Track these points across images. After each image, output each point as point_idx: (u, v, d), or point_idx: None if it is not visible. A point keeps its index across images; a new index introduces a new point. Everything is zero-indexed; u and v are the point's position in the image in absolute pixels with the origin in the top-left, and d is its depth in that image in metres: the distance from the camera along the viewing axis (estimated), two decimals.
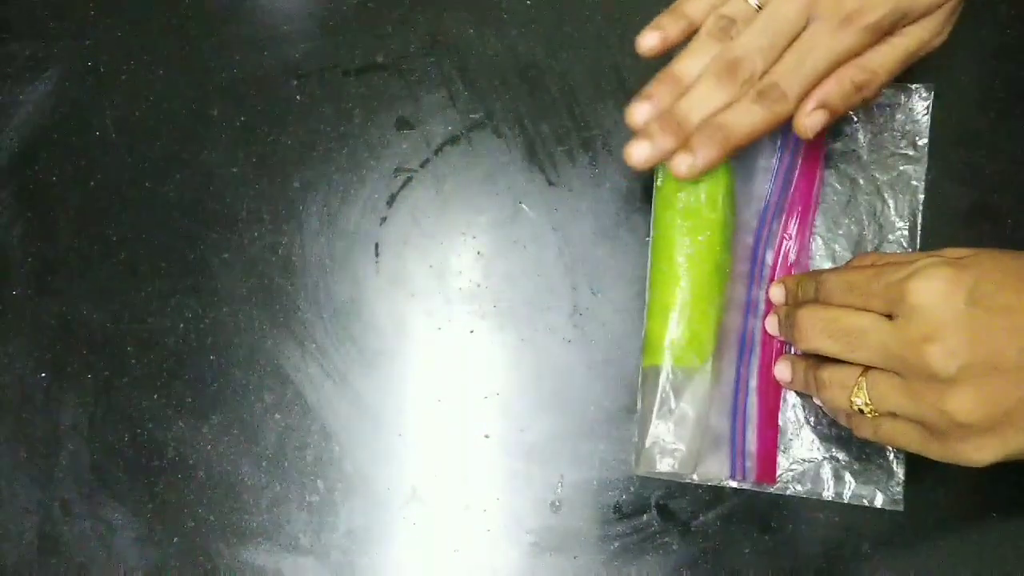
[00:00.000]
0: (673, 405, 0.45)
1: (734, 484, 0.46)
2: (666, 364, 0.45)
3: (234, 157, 0.51)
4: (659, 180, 0.47)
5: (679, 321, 0.45)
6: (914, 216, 0.48)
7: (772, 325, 0.46)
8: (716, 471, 0.45)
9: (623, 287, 0.49)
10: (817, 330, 0.42)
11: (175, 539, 0.48)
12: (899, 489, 0.45)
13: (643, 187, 0.49)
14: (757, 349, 0.47)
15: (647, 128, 0.43)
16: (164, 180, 0.51)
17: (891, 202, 0.48)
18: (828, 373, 0.42)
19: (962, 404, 0.37)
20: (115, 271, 0.50)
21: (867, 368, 0.40)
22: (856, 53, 0.42)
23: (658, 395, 0.45)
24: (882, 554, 0.46)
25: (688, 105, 0.42)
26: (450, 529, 0.47)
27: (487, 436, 0.48)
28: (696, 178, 0.43)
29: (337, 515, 0.48)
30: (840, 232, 0.48)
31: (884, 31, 0.42)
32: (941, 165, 0.48)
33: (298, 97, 0.52)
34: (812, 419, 0.46)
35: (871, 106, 0.49)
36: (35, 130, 0.52)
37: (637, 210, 0.49)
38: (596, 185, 0.50)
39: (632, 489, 0.47)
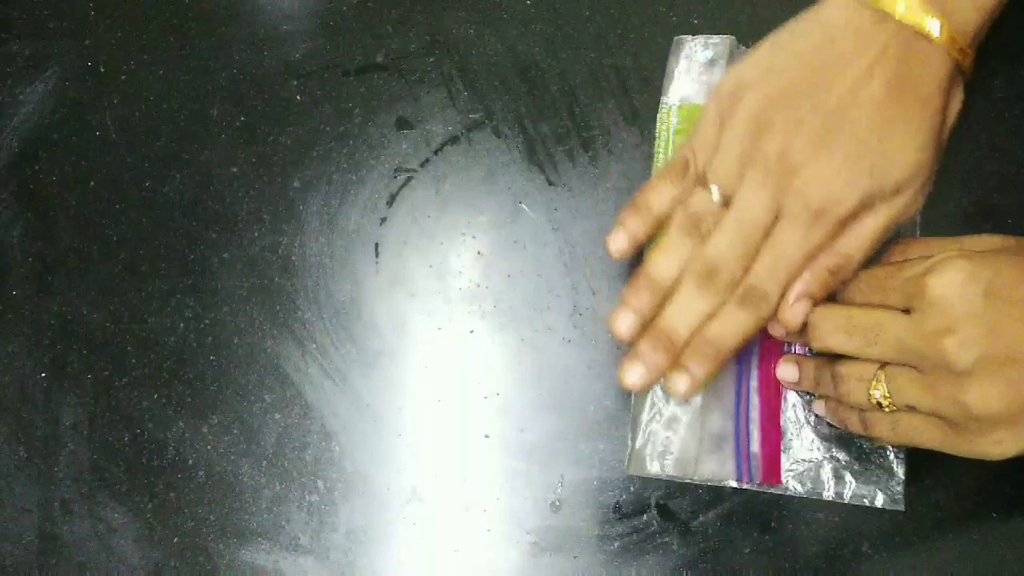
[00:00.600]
0: (663, 406, 0.45)
1: (734, 484, 0.46)
2: None
3: (234, 157, 0.51)
4: None
5: None
6: (914, 218, 0.48)
7: (776, 327, 0.46)
8: (718, 472, 0.45)
9: (623, 287, 0.49)
10: (832, 327, 0.41)
11: (175, 539, 0.48)
12: (899, 489, 0.45)
13: None
14: (756, 350, 0.47)
15: (638, 348, 0.43)
16: (164, 180, 0.51)
17: None
18: (846, 368, 0.42)
19: (980, 397, 0.37)
20: (115, 271, 0.50)
21: (884, 363, 0.40)
22: (828, 243, 0.42)
23: (648, 396, 0.45)
24: (882, 554, 0.46)
25: (673, 318, 0.42)
26: (450, 529, 0.47)
27: (487, 436, 0.48)
28: (695, 394, 0.43)
29: (337, 515, 0.48)
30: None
31: (856, 216, 0.41)
32: (941, 165, 0.48)
33: (298, 97, 0.52)
34: (812, 419, 0.46)
35: None
36: (35, 130, 0.52)
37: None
38: (596, 185, 0.50)
39: (632, 489, 0.47)
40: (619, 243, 0.44)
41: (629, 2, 0.52)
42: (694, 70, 0.49)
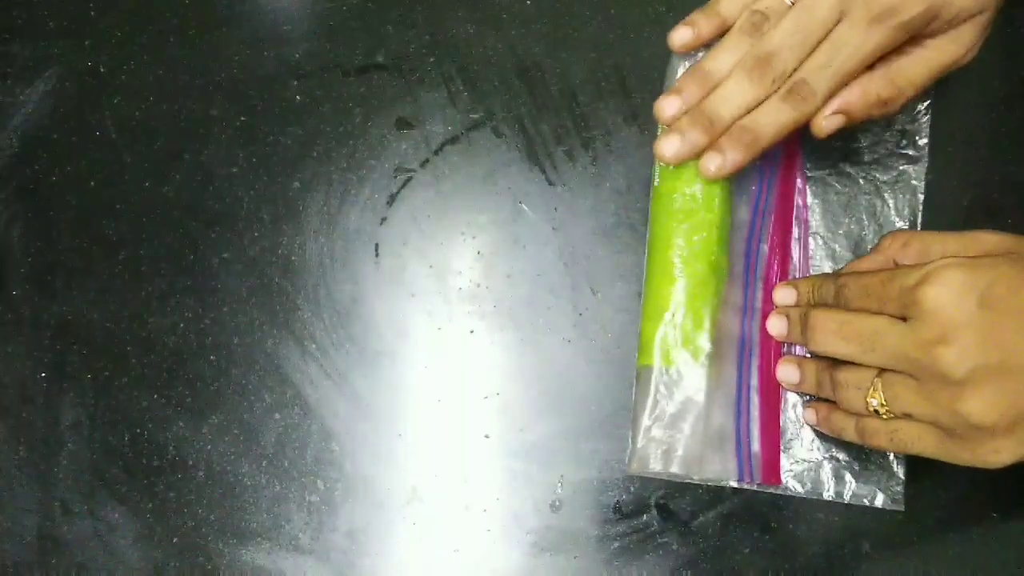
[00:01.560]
0: (665, 405, 0.45)
1: (734, 484, 0.46)
2: (658, 364, 0.45)
3: (234, 157, 0.51)
4: (656, 180, 0.47)
5: (673, 322, 0.46)
6: (914, 216, 0.48)
7: (775, 326, 0.46)
8: (719, 471, 0.45)
9: (623, 287, 0.49)
10: (830, 332, 0.42)
11: (175, 539, 0.48)
12: (899, 489, 0.45)
13: (643, 187, 0.49)
14: (756, 350, 0.47)
15: (678, 124, 0.43)
16: (164, 180, 0.51)
17: (891, 202, 0.48)
18: (844, 375, 0.42)
19: (976, 406, 0.37)
20: (115, 271, 0.50)
21: (882, 371, 0.40)
22: (886, 51, 0.42)
23: (650, 395, 0.45)
24: (882, 554, 0.46)
25: (718, 101, 0.43)
26: (450, 529, 0.47)
27: (487, 436, 0.48)
28: (724, 178, 0.43)
29: (337, 515, 0.48)
30: (840, 232, 0.48)
31: (915, 30, 0.42)
32: (941, 165, 0.48)
33: (298, 97, 0.52)
34: None
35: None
36: (35, 130, 0.52)
37: (637, 210, 0.49)
38: (596, 185, 0.50)
39: (632, 489, 0.47)
40: (683, 35, 0.45)
41: (629, 2, 0.52)
42: None
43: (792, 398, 0.47)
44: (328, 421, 0.48)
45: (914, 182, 0.48)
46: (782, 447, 0.46)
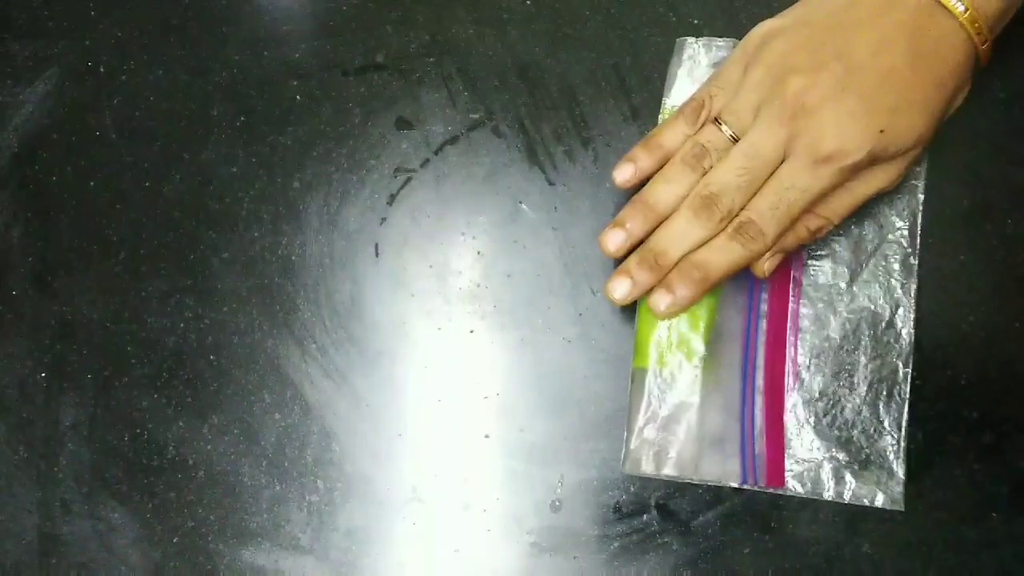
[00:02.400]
0: (659, 407, 0.45)
1: (735, 484, 0.46)
2: (653, 366, 0.45)
3: (234, 157, 0.51)
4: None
5: (667, 323, 0.46)
6: (914, 216, 0.48)
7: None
8: (717, 473, 0.45)
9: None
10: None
11: (175, 539, 0.48)
12: (899, 489, 0.45)
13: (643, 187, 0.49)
14: (761, 351, 0.47)
15: (626, 264, 0.44)
16: (164, 180, 0.51)
17: (891, 202, 0.48)
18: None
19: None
20: (115, 271, 0.50)
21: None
22: (828, 193, 0.43)
23: (644, 397, 0.46)
24: (882, 554, 0.46)
25: (666, 240, 0.44)
26: (450, 529, 0.47)
27: (487, 436, 0.48)
28: (674, 316, 0.45)
29: (337, 515, 0.48)
30: (840, 232, 0.48)
31: (859, 171, 0.43)
32: (941, 165, 0.48)
33: (298, 97, 0.52)
34: (812, 419, 0.46)
35: None
36: (35, 130, 0.52)
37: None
38: (596, 185, 0.50)
39: (632, 489, 0.47)
40: (625, 174, 0.46)
41: (629, 2, 0.52)
42: (697, 72, 0.49)
43: (793, 398, 0.47)
44: (328, 421, 0.48)
45: (914, 182, 0.48)
46: (786, 448, 0.46)
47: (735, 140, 0.43)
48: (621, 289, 0.44)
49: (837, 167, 0.42)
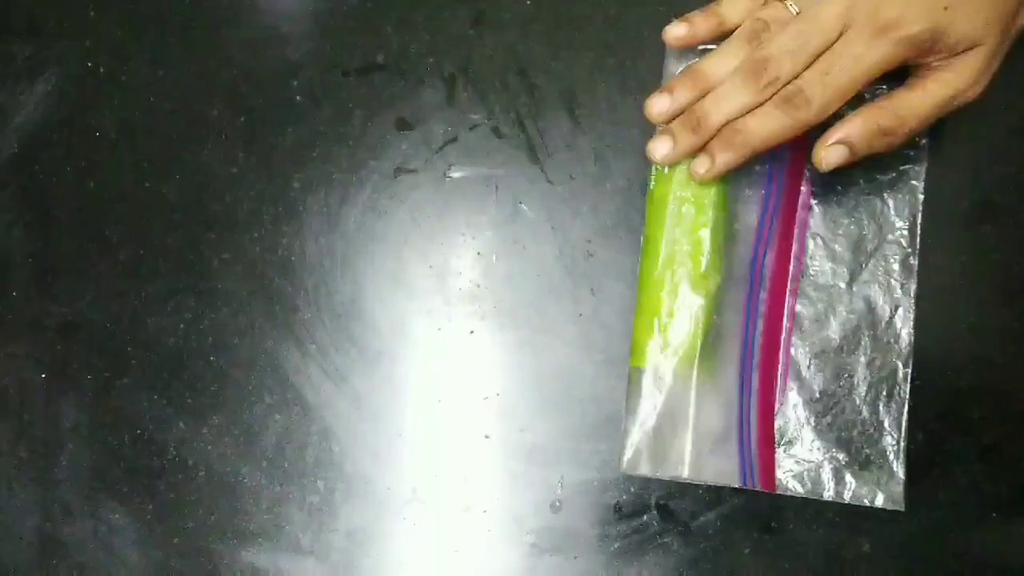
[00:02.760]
0: (655, 408, 0.45)
1: (733, 485, 0.46)
2: (649, 367, 0.45)
3: (234, 157, 0.51)
4: (652, 183, 0.47)
5: (664, 325, 0.46)
6: (914, 216, 0.48)
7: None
8: (714, 473, 0.45)
9: (623, 287, 0.49)
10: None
11: (175, 539, 0.48)
12: (899, 489, 0.45)
13: (643, 187, 0.49)
14: (758, 351, 0.47)
15: (670, 126, 0.43)
16: (164, 180, 0.51)
17: (891, 202, 0.48)
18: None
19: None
20: (115, 271, 0.50)
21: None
22: (888, 68, 0.42)
23: (641, 397, 0.46)
24: (882, 554, 0.46)
25: (710, 104, 0.43)
26: (450, 530, 0.47)
27: (487, 436, 0.48)
28: (715, 180, 0.43)
29: (337, 515, 0.48)
30: (840, 232, 0.48)
31: (917, 48, 0.42)
32: (941, 165, 0.48)
33: (298, 97, 0.52)
34: (812, 419, 0.46)
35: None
36: (35, 130, 0.52)
37: (637, 210, 0.49)
38: (596, 185, 0.50)
39: (632, 489, 0.47)
40: (678, 31, 0.45)
41: (629, 2, 0.52)
42: None
43: (792, 398, 0.47)
44: (328, 421, 0.48)
45: (914, 182, 0.48)
46: (783, 448, 0.46)
47: (798, 15, 0.43)
48: (663, 148, 0.44)
49: (895, 37, 0.41)
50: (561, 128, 0.51)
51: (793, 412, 0.47)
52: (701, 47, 0.48)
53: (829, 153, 0.43)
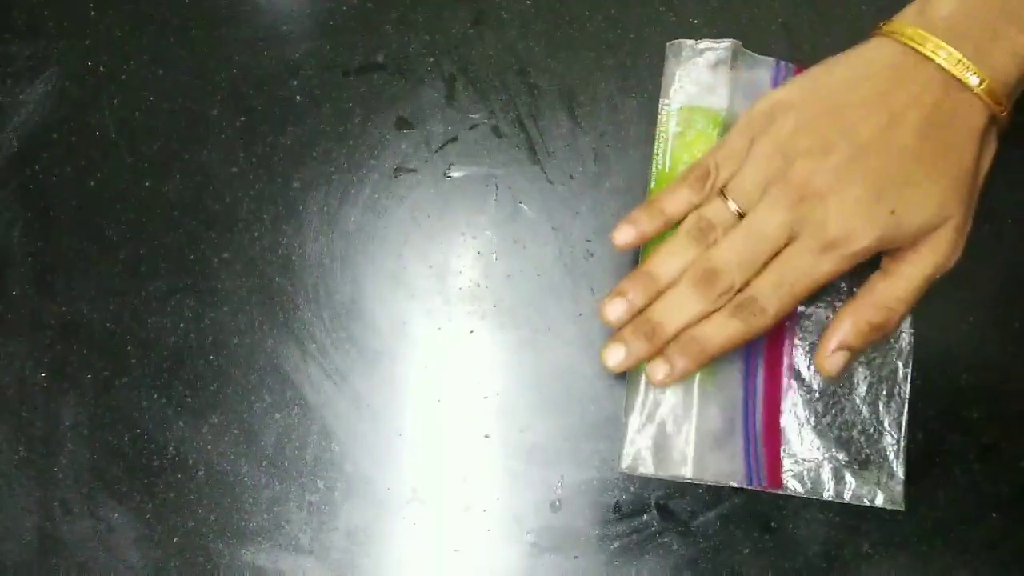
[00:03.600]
0: (655, 406, 0.45)
1: (734, 484, 0.46)
2: (647, 366, 0.45)
3: (234, 157, 0.51)
4: (652, 183, 0.47)
5: None
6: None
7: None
8: (721, 472, 0.45)
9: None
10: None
11: (175, 539, 0.48)
12: (899, 489, 0.45)
13: (643, 186, 0.49)
14: (763, 349, 0.46)
15: (622, 333, 0.44)
16: (164, 180, 0.51)
17: None
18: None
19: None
20: (115, 271, 0.50)
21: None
22: (836, 278, 0.42)
23: (640, 396, 0.45)
24: (882, 554, 0.46)
25: (663, 312, 0.43)
26: (450, 529, 0.47)
27: (487, 436, 0.48)
28: (669, 386, 0.44)
29: (337, 515, 0.48)
30: None
31: (867, 259, 0.42)
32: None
33: (298, 97, 0.52)
34: (812, 419, 0.46)
35: None
36: (35, 130, 0.52)
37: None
38: (596, 185, 0.50)
39: (632, 489, 0.47)
40: (626, 236, 0.45)
41: (629, 2, 0.52)
42: (694, 73, 0.49)
43: (792, 398, 0.47)
44: (328, 421, 0.48)
45: None
46: (783, 448, 0.46)
47: (740, 216, 0.43)
48: (615, 357, 0.44)
49: (841, 253, 0.41)
50: (561, 128, 0.51)
51: (793, 412, 0.47)
52: (699, 44, 0.49)
53: (832, 362, 0.43)
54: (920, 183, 0.41)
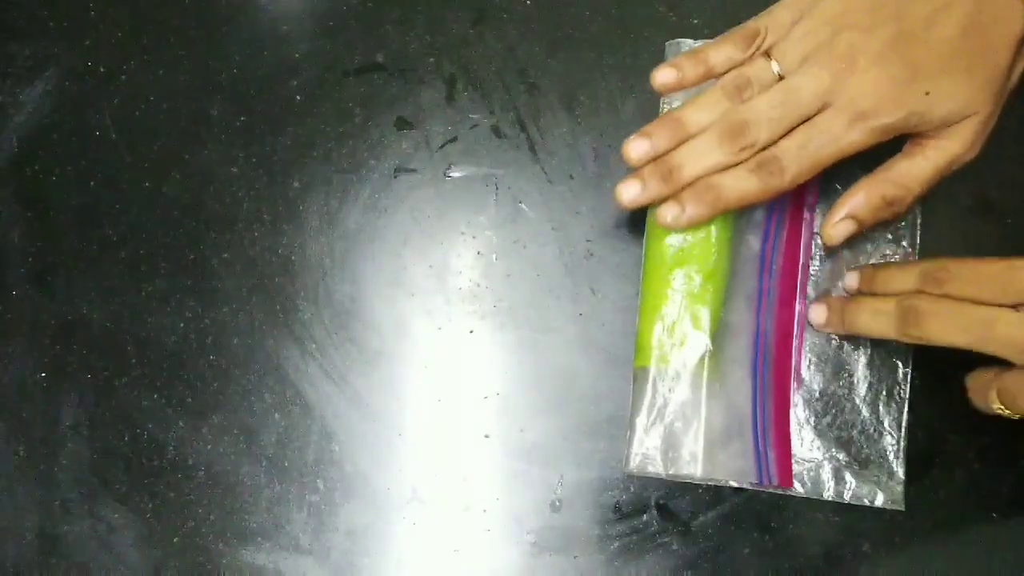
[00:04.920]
0: (662, 406, 0.45)
1: (745, 483, 0.46)
2: (655, 365, 0.45)
3: (234, 157, 0.51)
4: None
5: (669, 322, 0.46)
6: (914, 216, 0.48)
7: (817, 314, 0.46)
8: (730, 471, 0.45)
9: (623, 287, 0.49)
10: (947, 320, 0.42)
11: (175, 539, 0.48)
12: (899, 489, 0.45)
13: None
14: (771, 348, 0.46)
15: (640, 172, 0.44)
16: (164, 180, 0.51)
17: None
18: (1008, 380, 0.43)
19: None
20: (115, 271, 0.50)
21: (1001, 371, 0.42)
22: (863, 150, 0.42)
23: (646, 396, 0.45)
24: (882, 554, 0.46)
25: (684, 156, 0.43)
26: (450, 529, 0.47)
27: (487, 436, 0.48)
28: (680, 229, 0.44)
29: (337, 515, 0.48)
30: None
31: (894, 135, 0.42)
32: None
33: (298, 97, 0.52)
34: (812, 419, 0.46)
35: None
36: (35, 130, 0.52)
37: (637, 209, 0.49)
38: (596, 185, 0.50)
39: (632, 489, 0.47)
40: (666, 77, 0.45)
41: (629, 2, 0.52)
42: None
43: (793, 398, 0.47)
44: (328, 421, 0.48)
45: None
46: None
47: (779, 79, 0.43)
48: (630, 192, 0.44)
49: (872, 125, 0.42)
50: (561, 128, 0.51)
51: (793, 412, 0.47)
52: (699, 44, 0.49)
53: (837, 229, 0.44)
54: (955, 74, 0.42)
